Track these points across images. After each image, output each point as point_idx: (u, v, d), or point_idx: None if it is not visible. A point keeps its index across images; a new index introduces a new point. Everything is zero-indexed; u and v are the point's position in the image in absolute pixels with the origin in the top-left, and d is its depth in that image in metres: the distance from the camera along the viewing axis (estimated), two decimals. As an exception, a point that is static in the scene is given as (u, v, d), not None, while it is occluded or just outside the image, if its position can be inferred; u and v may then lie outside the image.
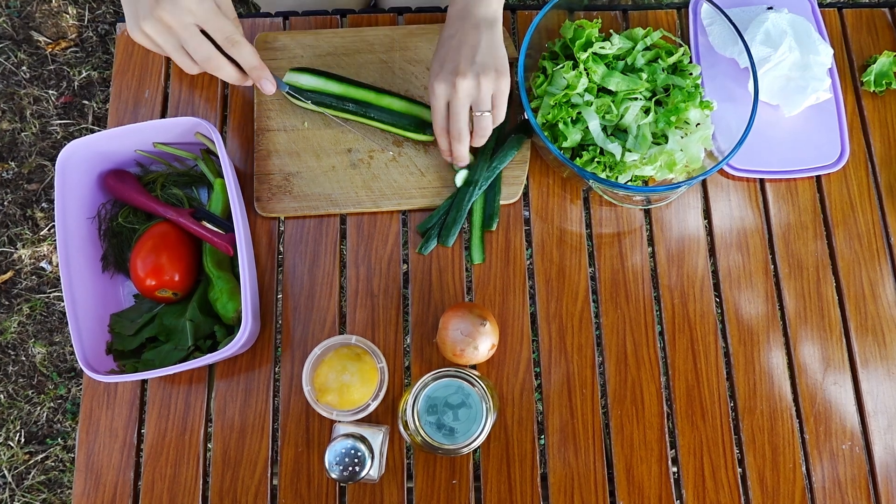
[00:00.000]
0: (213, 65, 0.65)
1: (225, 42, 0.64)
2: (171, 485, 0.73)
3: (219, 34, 0.64)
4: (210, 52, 0.64)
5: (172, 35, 0.63)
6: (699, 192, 0.85)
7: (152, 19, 0.62)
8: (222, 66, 0.66)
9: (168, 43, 0.63)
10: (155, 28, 0.62)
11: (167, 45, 0.64)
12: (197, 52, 0.64)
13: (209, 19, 0.63)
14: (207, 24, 0.63)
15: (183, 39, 0.63)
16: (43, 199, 1.56)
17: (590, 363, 0.78)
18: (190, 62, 0.65)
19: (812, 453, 0.76)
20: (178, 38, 0.63)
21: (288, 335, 0.78)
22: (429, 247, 0.80)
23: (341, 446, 0.64)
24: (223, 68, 0.66)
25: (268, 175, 0.81)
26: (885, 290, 0.82)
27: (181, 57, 0.65)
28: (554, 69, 0.81)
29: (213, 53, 0.65)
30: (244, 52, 0.66)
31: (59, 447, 1.42)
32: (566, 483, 0.74)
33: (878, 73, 0.88)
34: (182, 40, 0.63)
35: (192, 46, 0.63)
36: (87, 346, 0.71)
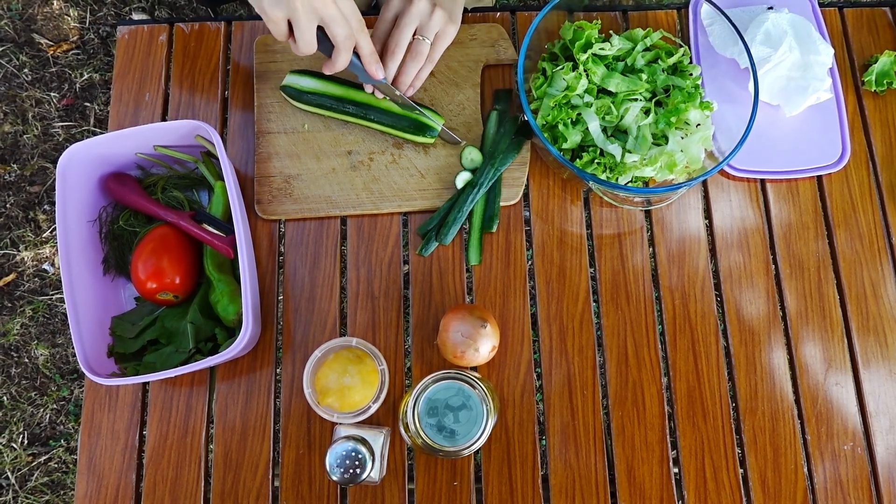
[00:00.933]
0: (349, 44, 0.71)
1: (358, 25, 0.70)
2: (172, 487, 0.74)
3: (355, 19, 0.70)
4: (349, 33, 0.70)
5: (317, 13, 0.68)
6: (700, 193, 0.85)
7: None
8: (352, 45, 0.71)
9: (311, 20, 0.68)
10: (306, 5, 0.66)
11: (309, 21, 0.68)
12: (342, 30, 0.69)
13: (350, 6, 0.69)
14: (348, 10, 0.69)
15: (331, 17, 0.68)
16: (45, 202, 1.56)
17: (591, 364, 0.78)
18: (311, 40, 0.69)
19: (814, 454, 0.76)
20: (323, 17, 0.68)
21: (289, 337, 0.78)
22: (429, 248, 0.80)
23: (342, 448, 0.64)
24: (352, 48, 0.71)
25: (268, 177, 0.82)
26: (886, 290, 0.82)
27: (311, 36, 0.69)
28: (554, 70, 0.81)
29: (351, 33, 0.70)
30: (368, 39, 0.72)
31: (62, 449, 1.42)
32: (567, 484, 0.74)
33: (880, 73, 0.88)
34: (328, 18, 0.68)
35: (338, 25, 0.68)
36: (88, 349, 0.71)
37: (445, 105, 0.85)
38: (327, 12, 0.67)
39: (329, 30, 0.69)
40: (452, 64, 0.86)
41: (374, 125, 0.81)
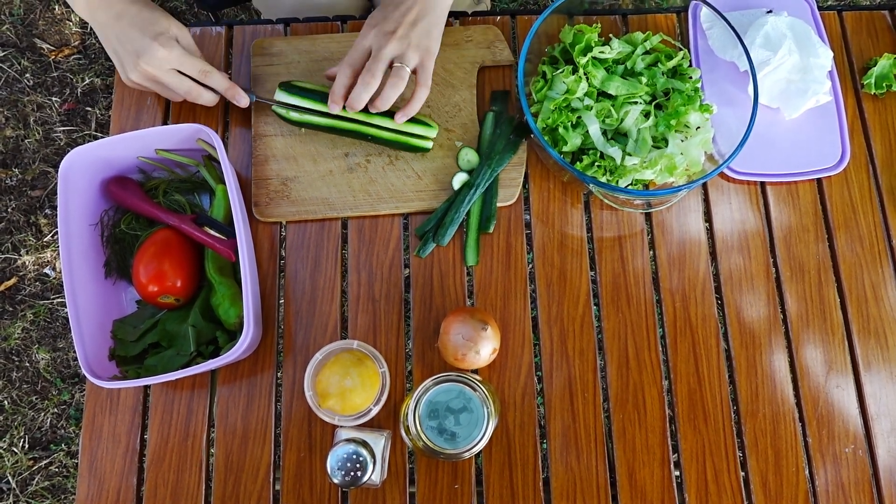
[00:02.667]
0: (193, 95, 0.79)
1: (200, 75, 0.78)
2: (173, 490, 0.74)
3: (193, 71, 0.77)
4: (190, 86, 0.78)
5: (156, 80, 0.77)
6: (700, 196, 0.85)
7: (137, 72, 0.76)
8: (202, 93, 0.79)
9: (154, 86, 0.78)
10: (141, 78, 0.76)
11: (154, 87, 0.78)
12: (179, 89, 0.78)
13: (182, 62, 0.76)
14: (182, 66, 0.76)
15: (165, 82, 0.77)
16: (46, 206, 1.56)
17: (591, 367, 0.78)
18: (175, 96, 0.80)
19: (815, 457, 0.76)
20: (161, 83, 0.77)
21: (290, 340, 0.78)
22: (427, 249, 0.80)
23: (343, 451, 0.64)
24: (202, 95, 0.79)
25: (265, 180, 0.82)
26: (887, 293, 0.82)
27: (167, 92, 0.79)
28: (554, 74, 0.82)
29: (192, 86, 0.78)
30: (216, 78, 0.79)
31: (63, 453, 1.42)
32: (568, 487, 0.74)
33: (879, 76, 0.88)
34: (165, 83, 0.77)
35: (174, 85, 0.77)
36: (89, 352, 0.71)
37: (442, 106, 0.85)
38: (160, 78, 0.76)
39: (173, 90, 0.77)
40: (448, 66, 0.86)
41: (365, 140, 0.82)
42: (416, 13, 0.76)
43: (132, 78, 0.77)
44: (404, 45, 0.75)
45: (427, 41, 0.76)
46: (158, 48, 0.74)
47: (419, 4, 0.76)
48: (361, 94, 0.75)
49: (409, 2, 0.76)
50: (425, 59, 0.77)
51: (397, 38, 0.74)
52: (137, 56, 0.74)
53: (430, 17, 0.77)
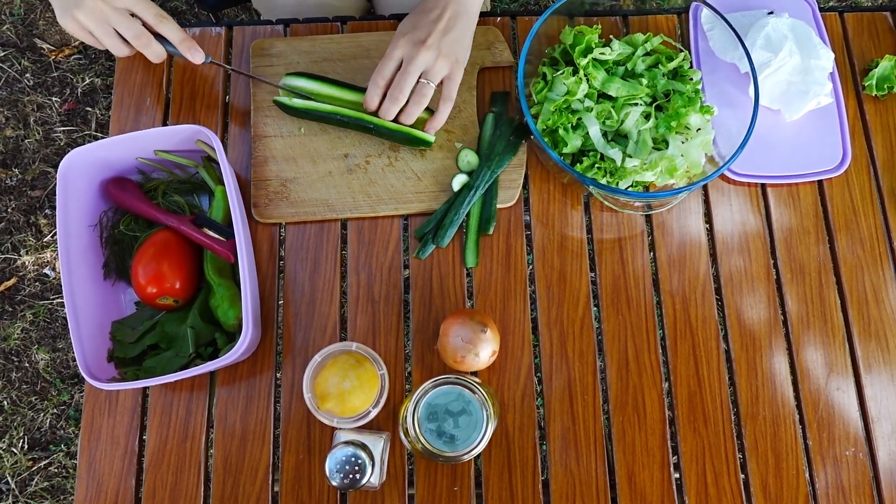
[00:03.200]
0: (143, 41, 0.72)
1: (155, 19, 0.72)
2: (172, 492, 0.73)
3: (148, 13, 0.71)
4: (140, 30, 0.71)
5: (104, 20, 0.70)
6: (700, 197, 0.85)
7: (85, 7, 0.68)
8: (151, 41, 0.73)
9: (100, 27, 0.70)
10: (88, 15, 0.69)
11: (99, 28, 0.70)
12: (129, 31, 0.71)
13: (138, 3, 0.70)
14: (136, 7, 0.70)
15: (115, 21, 0.70)
16: (46, 206, 1.56)
17: (591, 369, 0.78)
18: (119, 43, 0.72)
19: (815, 459, 0.76)
20: (110, 21, 0.70)
21: (289, 342, 0.78)
22: (426, 251, 0.80)
23: (342, 454, 0.64)
24: (151, 44, 0.73)
25: (265, 181, 0.82)
26: (888, 295, 0.82)
27: (111, 40, 0.72)
28: (554, 75, 0.81)
29: (142, 31, 0.72)
30: (171, 27, 0.73)
31: (62, 453, 1.42)
32: (568, 489, 0.74)
33: (880, 78, 0.88)
34: (114, 22, 0.70)
35: (123, 26, 0.70)
36: (88, 354, 0.71)
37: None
38: (110, 17, 0.69)
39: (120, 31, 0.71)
40: (452, 68, 0.86)
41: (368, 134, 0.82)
42: (448, 20, 0.75)
43: (77, 15, 0.69)
44: (434, 55, 0.74)
45: (457, 51, 0.76)
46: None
47: (450, 10, 0.75)
48: (390, 109, 0.76)
49: (439, 8, 0.75)
50: (454, 71, 0.76)
51: (427, 47, 0.73)
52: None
53: (461, 25, 0.76)
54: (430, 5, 0.76)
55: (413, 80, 0.75)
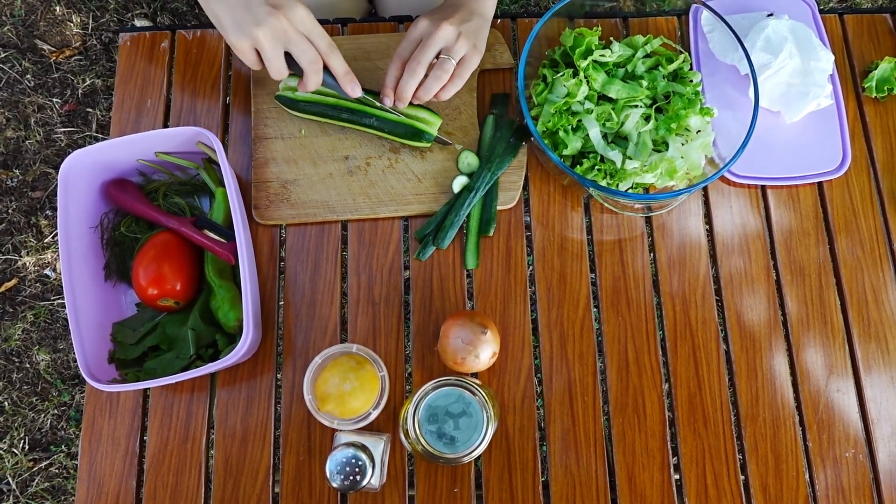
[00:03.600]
0: (317, 67, 0.71)
1: (328, 48, 0.71)
2: (173, 493, 0.74)
3: (323, 41, 0.71)
4: (316, 55, 0.71)
5: (283, 41, 0.69)
6: (700, 199, 0.85)
7: (268, 26, 0.67)
8: (321, 68, 0.72)
9: (276, 48, 0.69)
10: (268, 33, 0.68)
11: (274, 49, 0.69)
12: (306, 54, 0.70)
13: (315, 29, 0.70)
14: (314, 33, 0.70)
15: (293, 43, 0.69)
16: (47, 207, 1.57)
17: (591, 370, 0.78)
18: (283, 66, 0.71)
19: (815, 461, 0.76)
20: (287, 43, 0.69)
21: (289, 343, 0.78)
22: (427, 252, 0.80)
23: (342, 455, 0.64)
24: (321, 71, 0.72)
25: (265, 183, 0.82)
26: (888, 296, 0.82)
27: (280, 63, 0.70)
28: (554, 77, 0.82)
29: (318, 56, 0.71)
30: (338, 58, 0.73)
31: (63, 454, 1.42)
32: (568, 491, 0.74)
33: (880, 79, 0.88)
34: (292, 44, 0.69)
35: (301, 49, 0.69)
36: (89, 356, 0.71)
37: (442, 109, 0.85)
38: (290, 38, 0.68)
39: (294, 55, 0.70)
40: (452, 70, 0.86)
41: (370, 130, 0.81)
42: (466, 12, 0.77)
43: (257, 33, 0.67)
44: (455, 32, 0.75)
45: (475, 38, 0.77)
46: (298, 5, 0.68)
47: (467, 8, 0.77)
48: (408, 83, 0.75)
49: (457, 5, 0.77)
50: (471, 55, 0.77)
51: (449, 23, 0.74)
52: (276, 7, 0.67)
53: (479, 19, 0.78)
54: (450, 2, 0.78)
55: (432, 53, 0.75)
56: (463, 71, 0.77)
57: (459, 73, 0.77)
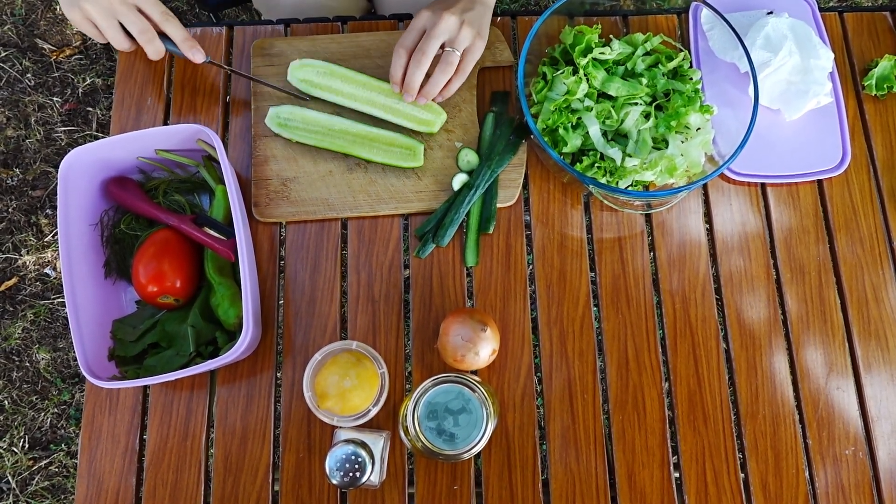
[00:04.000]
0: (147, 37, 0.73)
1: (161, 16, 0.73)
2: (172, 491, 0.74)
3: (155, 10, 0.72)
4: (146, 25, 0.72)
5: (111, 12, 0.70)
6: (700, 197, 0.85)
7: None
8: (154, 38, 0.73)
9: (105, 20, 0.71)
10: (95, 6, 0.70)
11: (104, 21, 0.71)
12: (135, 25, 0.72)
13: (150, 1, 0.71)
14: (144, 3, 0.71)
15: (121, 14, 0.71)
16: (47, 206, 1.57)
17: (591, 368, 0.78)
18: (122, 37, 0.73)
19: (815, 458, 0.76)
20: (116, 15, 0.71)
21: (289, 341, 0.78)
22: (426, 250, 0.80)
23: (342, 452, 0.64)
24: (154, 41, 0.73)
25: (265, 180, 0.82)
26: (888, 295, 0.82)
27: (114, 33, 0.73)
28: (554, 75, 0.82)
29: (148, 26, 0.72)
30: (175, 25, 0.74)
31: (63, 453, 1.42)
32: (568, 488, 0.74)
33: (880, 77, 0.88)
34: (120, 15, 0.71)
35: (130, 20, 0.71)
36: (89, 353, 0.71)
37: (441, 107, 0.85)
38: (117, 10, 0.70)
39: (125, 25, 0.71)
40: (451, 68, 0.86)
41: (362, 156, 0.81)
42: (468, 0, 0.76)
43: (83, 5, 0.70)
44: (458, 21, 0.75)
45: (479, 25, 0.77)
46: None
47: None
48: (415, 74, 0.76)
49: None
50: (475, 43, 0.77)
51: (451, 13, 0.74)
52: None
53: (481, 7, 0.78)
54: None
55: (437, 44, 0.75)
56: (467, 62, 0.77)
57: (464, 65, 0.77)
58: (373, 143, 0.81)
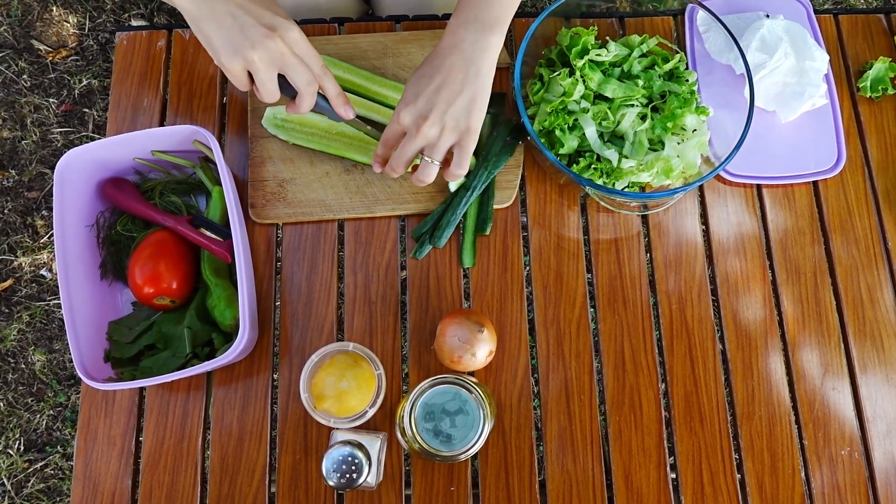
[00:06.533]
0: (312, 89, 0.69)
1: (321, 70, 0.69)
2: (169, 492, 0.73)
3: (317, 64, 0.69)
4: (311, 78, 0.68)
5: (279, 64, 0.67)
6: (696, 198, 0.85)
7: (263, 48, 0.65)
8: (315, 91, 0.69)
9: (270, 70, 0.67)
10: (263, 56, 0.65)
11: (268, 72, 0.67)
12: (303, 77, 0.68)
13: (310, 51, 0.68)
14: (308, 55, 0.68)
15: (289, 66, 0.67)
16: (43, 207, 1.56)
17: (588, 369, 0.78)
18: (276, 89, 0.68)
19: (811, 459, 0.76)
20: (282, 66, 0.67)
21: (286, 342, 0.78)
22: (423, 251, 0.80)
23: (339, 453, 0.64)
24: (315, 94, 0.70)
25: (262, 181, 0.82)
26: (883, 296, 0.82)
27: (273, 85, 0.68)
28: (550, 76, 0.82)
29: (313, 78, 0.68)
30: (333, 80, 0.71)
31: (59, 455, 1.42)
32: (564, 490, 0.74)
33: (874, 79, 0.88)
34: (288, 67, 0.67)
35: (297, 72, 0.67)
36: (85, 354, 0.71)
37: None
38: (286, 61, 0.66)
39: (289, 77, 0.68)
40: (450, 70, 0.86)
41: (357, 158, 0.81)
42: (452, 90, 0.67)
43: (251, 55, 0.65)
44: (437, 130, 0.68)
45: (466, 120, 0.68)
46: (294, 27, 0.66)
47: (454, 77, 0.67)
48: (392, 175, 0.74)
49: (443, 73, 0.67)
50: (464, 139, 0.69)
51: (430, 124, 0.67)
52: (271, 29, 0.64)
53: (469, 92, 0.67)
54: (432, 69, 0.68)
55: (411, 154, 0.70)
56: (461, 157, 0.70)
57: (458, 160, 0.70)
58: (370, 145, 0.81)
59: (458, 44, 0.68)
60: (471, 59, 0.68)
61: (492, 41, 0.68)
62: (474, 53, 0.68)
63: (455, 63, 0.67)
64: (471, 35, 0.68)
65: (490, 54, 0.68)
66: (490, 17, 0.68)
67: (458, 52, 0.68)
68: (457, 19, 0.69)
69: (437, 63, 0.68)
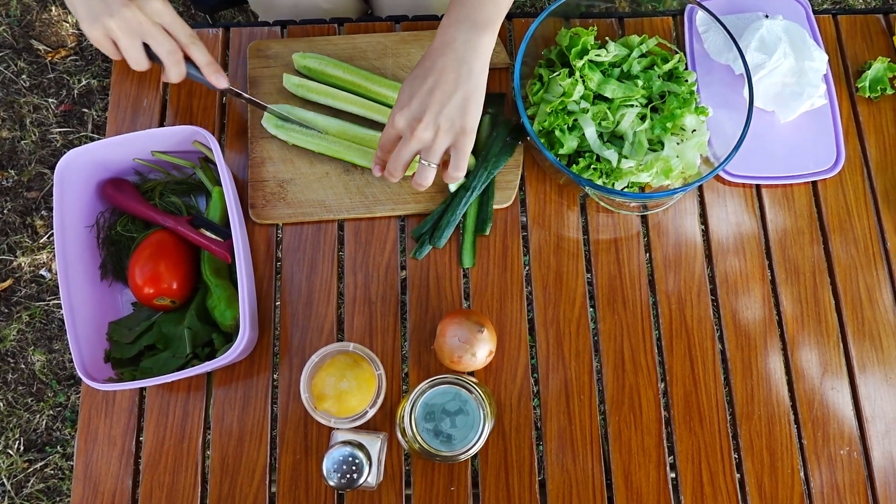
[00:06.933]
0: (175, 58, 0.70)
1: (188, 38, 0.71)
2: (169, 492, 0.73)
3: (182, 32, 0.71)
4: (174, 46, 0.70)
5: (138, 32, 0.68)
6: (696, 198, 0.85)
7: (120, 17, 0.67)
8: (181, 59, 0.71)
9: (130, 39, 0.68)
10: (122, 25, 0.67)
11: (128, 40, 0.68)
12: (163, 45, 0.69)
13: (174, 21, 0.69)
14: (173, 25, 0.70)
15: (150, 34, 0.68)
16: (42, 207, 1.56)
17: (587, 369, 0.78)
18: (143, 57, 0.70)
19: (810, 458, 0.76)
20: (144, 35, 0.68)
21: (286, 342, 0.78)
22: (423, 252, 0.80)
23: (339, 454, 0.64)
24: (181, 62, 0.71)
25: (262, 182, 0.82)
26: (882, 295, 0.82)
27: (137, 53, 0.70)
28: (550, 76, 0.82)
29: (176, 47, 0.70)
30: (200, 49, 0.72)
31: (59, 455, 1.42)
32: (564, 489, 0.74)
33: (873, 79, 0.88)
34: (148, 35, 0.69)
35: (158, 40, 0.69)
36: (85, 355, 0.71)
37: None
38: (145, 30, 0.67)
39: (151, 46, 0.69)
40: (449, 70, 0.86)
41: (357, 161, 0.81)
42: (445, 91, 0.66)
43: (110, 23, 0.66)
44: (431, 133, 0.66)
45: (461, 120, 0.66)
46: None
47: (447, 77, 0.66)
48: (390, 180, 0.73)
49: (435, 74, 0.66)
50: (459, 140, 0.67)
51: (423, 126, 0.66)
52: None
53: (462, 92, 0.66)
54: (424, 71, 0.67)
55: (407, 157, 0.68)
56: (457, 159, 0.69)
57: (455, 163, 0.69)
58: (369, 147, 0.81)
59: (449, 43, 0.67)
60: (462, 59, 0.66)
61: (483, 40, 0.68)
62: (466, 53, 0.67)
63: (447, 63, 0.66)
64: (462, 34, 0.67)
65: (482, 53, 0.67)
66: (481, 17, 0.68)
67: (449, 52, 0.67)
68: (448, 19, 0.69)
69: (429, 64, 0.67)
